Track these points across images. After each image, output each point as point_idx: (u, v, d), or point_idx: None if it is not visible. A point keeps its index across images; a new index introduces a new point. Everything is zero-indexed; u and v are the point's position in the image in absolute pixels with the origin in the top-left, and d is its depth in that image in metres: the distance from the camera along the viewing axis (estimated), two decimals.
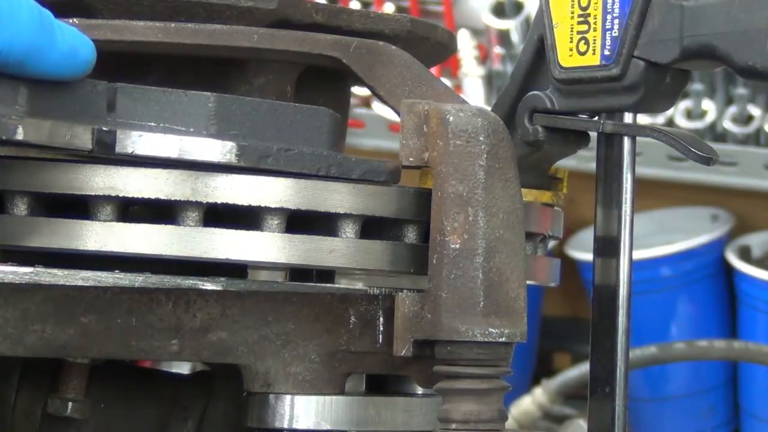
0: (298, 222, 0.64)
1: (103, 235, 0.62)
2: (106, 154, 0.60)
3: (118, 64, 0.70)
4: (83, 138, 0.60)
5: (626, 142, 0.73)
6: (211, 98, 0.63)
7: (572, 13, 0.68)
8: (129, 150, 0.61)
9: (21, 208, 0.62)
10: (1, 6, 0.59)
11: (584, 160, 0.72)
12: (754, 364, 1.69)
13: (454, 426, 0.64)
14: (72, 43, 0.61)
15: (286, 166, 0.63)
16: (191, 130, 0.62)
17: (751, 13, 0.61)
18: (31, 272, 0.64)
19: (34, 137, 0.59)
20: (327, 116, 0.66)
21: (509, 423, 0.65)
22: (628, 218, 0.73)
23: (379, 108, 1.74)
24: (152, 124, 0.62)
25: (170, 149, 0.61)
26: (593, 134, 0.73)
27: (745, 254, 1.87)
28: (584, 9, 0.68)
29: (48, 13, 0.62)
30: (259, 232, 0.63)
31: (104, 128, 0.60)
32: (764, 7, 0.60)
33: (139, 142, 0.61)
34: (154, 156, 0.61)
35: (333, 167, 0.64)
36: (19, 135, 0.58)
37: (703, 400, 1.90)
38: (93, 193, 0.62)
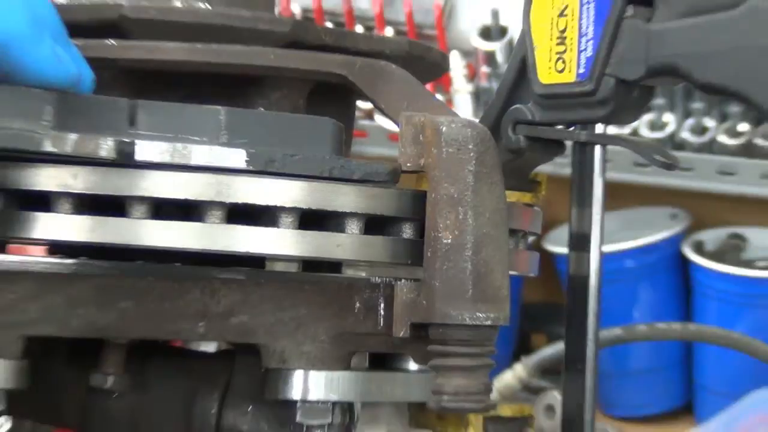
0: (310, 219, 0.64)
1: (138, 231, 0.61)
2: (127, 162, 0.60)
3: (150, 79, 0.70)
4: (106, 148, 0.59)
5: (597, 150, 0.72)
6: (221, 112, 0.62)
7: (551, 35, 0.68)
8: (147, 158, 0.60)
9: (66, 207, 0.61)
10: None
11: (560, 166, 0.72)
12: (707, 343, 1.69)
13: (445, 398, 0.64)
14: (59, 53, 0.59)
15: (291, 169, 0.62)
16: (205, 139, 0.61)
17: (710, 36, 0.60)
18: (76, 263, 0.64)
19: (60, 148, 0.58)
20: (329, 125, 0.65)
21: (493, 395, 0.65)
22: (598, 217, 0.73)
23: (380, 120, 1.74)
24: (170, 135, 0.61)
25: (185, 157, 0.61)
26: (568, 143, 0.73)
27: (699, 248, 1.87)
28: (562, 32, 0.67)
29: (48, 16, 0.60)
30: (275, 229, 0.63)
31: (125, 140, 0.60)
32: (721, 30, 0.60)
33: (156, 151, 0.60)
34: (171, 163, 0.61)
35: (335, 170, 0.63)
36: (47, 147, 0.58)
37: (661, 375, 1.90)
38: (129, 194, 0.61)
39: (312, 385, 0.66)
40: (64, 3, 0.70)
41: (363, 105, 1.49)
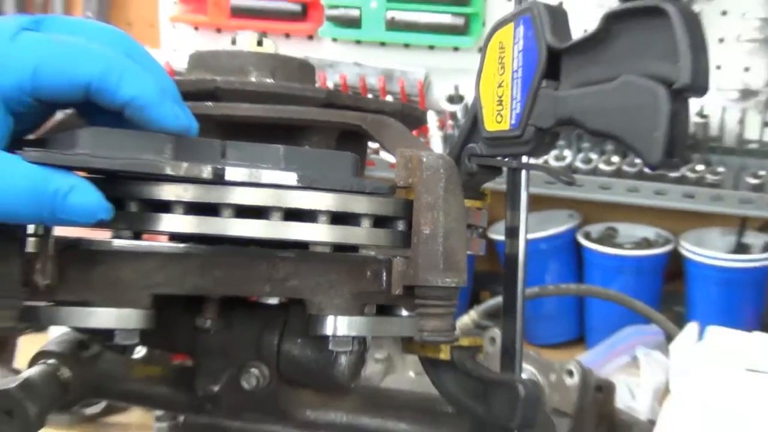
0: (337, 218, 0.63)
1: (227, 226, 0.60)
2: (219, 181, 0.59)
3: (234, 128, 0.69)
4: (206, 172, 0.58)
5: (523, 173, 0.71)
6: (281, 149, 0.61)
7: (493, 99, 0.67)
8: (233, 179, 0.59)
9: (180, 210, 0.60)
10: (133, 68, 0.56)
11: (499, 183, 0.71)
12: (592, 297, 1.69)
13: (426, 334, 0.63)
14: (176, 111, 0.58)
15: (325, 186, 0.61)
16: (270, 166, 0.60)
17: (596, 99, 0.59)
18: (187, 246, 0.63)
19: (176, 172, 0.57)
20: (350, 157, 0.64)
21: (456, 331, 0.64)
22: (524, 216, 0.72)
23: (383, 154, 1.74)
24: (247, 163, 0.60)
25: (257, 178, 0.59)
26: (504, 169, 0.72)
27: (587, 236, 1.87)
28: (500, 97, 0.66)
29: (170, 86, 0.59)
30: (315, 224, 0.62)
31: (218, 166, 0.58)
32: (604, 96, 0.58)
33: (239, 174, 0.59)
34: (248, 182, 0.59)
35: (354, 186, 0.62)
36: (167, 171, 0.57)
37: (563, 317, 1.90)
38: (221, 202, 0.60)
39: (339, 325, 0.65)
40: (180, 78, 0.69)
41: (372, 145, 1.48)
